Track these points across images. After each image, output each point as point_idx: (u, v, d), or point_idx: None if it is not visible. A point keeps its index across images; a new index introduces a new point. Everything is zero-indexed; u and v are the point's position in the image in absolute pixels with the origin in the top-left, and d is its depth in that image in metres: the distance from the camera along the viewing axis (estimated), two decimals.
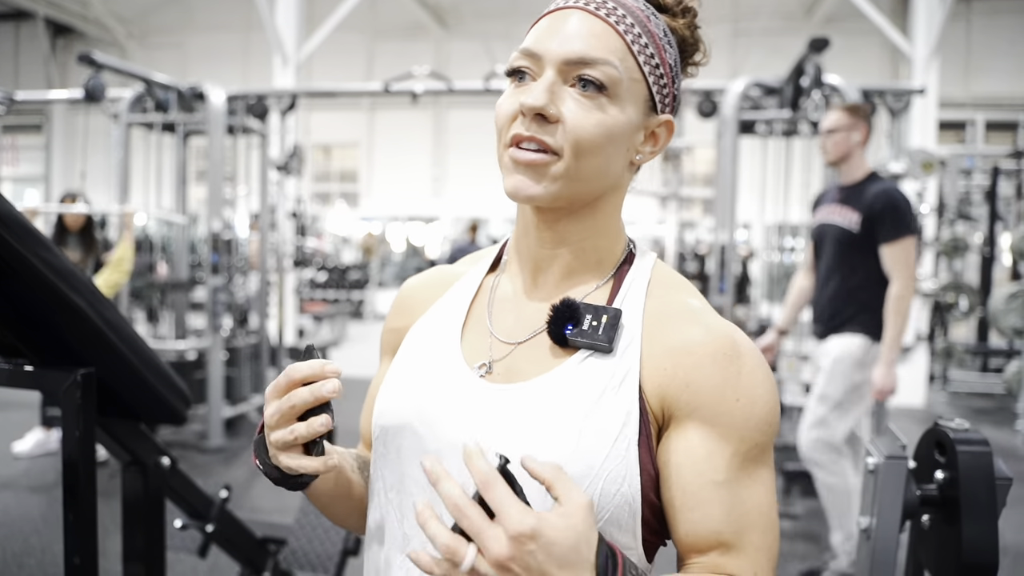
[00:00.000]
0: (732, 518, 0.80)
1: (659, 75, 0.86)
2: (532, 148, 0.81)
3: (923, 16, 7.44)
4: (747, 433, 0.81)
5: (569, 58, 0.81)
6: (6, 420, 5.84)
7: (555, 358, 0.85)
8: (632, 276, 0.90)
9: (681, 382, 0.81)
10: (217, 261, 5.38)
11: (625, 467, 0.78)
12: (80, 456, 1.37)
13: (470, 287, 0.97)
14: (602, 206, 0.90)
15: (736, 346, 0.83)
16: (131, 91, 5.59)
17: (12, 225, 1.28)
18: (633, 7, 0.85)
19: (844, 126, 3.24)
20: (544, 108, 0.79)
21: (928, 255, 7.76)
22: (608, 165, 0.85)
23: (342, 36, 9.42)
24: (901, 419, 6.76)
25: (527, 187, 0.82)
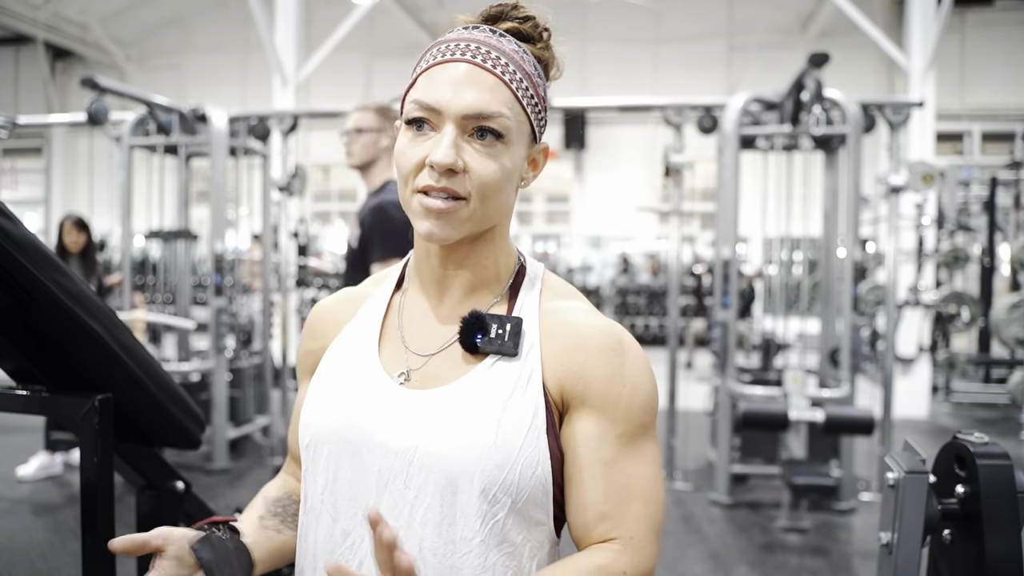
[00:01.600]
0: (615, 491, 0.93)
1: (538, 111, 0.98)
2: (443, 197, 0.90)
3: (918, 29, 7.48)
4: (632, 415, 0.94)
5: (468, 113, 0.90)
6: (10, 444, 5.82)
7: (467, 364, 0.96)
8: (526, 287, 1.02)
9: (576, 375, 0.94)
10: (220, 282, 5.38)
11: (538, 453, 0.91)
12: (98, 481, 1.36)
13: (379, 306, 1.06)
14: (497, 230, 1.00)
15: (620, 342, 0.97)
16: (132, 114, 5.61)
17: (29, 251, 1.29)
18: (510, 51, 0.94)
19: (374, 127, 2.99)
20: (454, 165, 0.89)
21: (928, 266, 7.77)
22: (506, 201, 0.96)
23: (341, 56, 9.46)
24: (906, 431, 6.75)
25: (440, 231, 0.92)
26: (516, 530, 0.91)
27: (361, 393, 0.97)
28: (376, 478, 0.93)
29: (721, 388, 4.83)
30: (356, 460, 0.94)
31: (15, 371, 1.49)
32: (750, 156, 5.23)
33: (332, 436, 0.97)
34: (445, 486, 0.89)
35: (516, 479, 0.89)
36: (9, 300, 1.32)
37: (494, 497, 0.89)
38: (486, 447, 0.89)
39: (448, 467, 0.89)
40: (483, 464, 0.88)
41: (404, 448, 0.91)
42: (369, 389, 0.97)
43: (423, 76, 0.93)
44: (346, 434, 0.96)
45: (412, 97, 0.92)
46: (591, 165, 14.57)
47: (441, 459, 0.89)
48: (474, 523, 0.89)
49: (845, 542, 4.24)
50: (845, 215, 4.72)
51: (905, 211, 7.19)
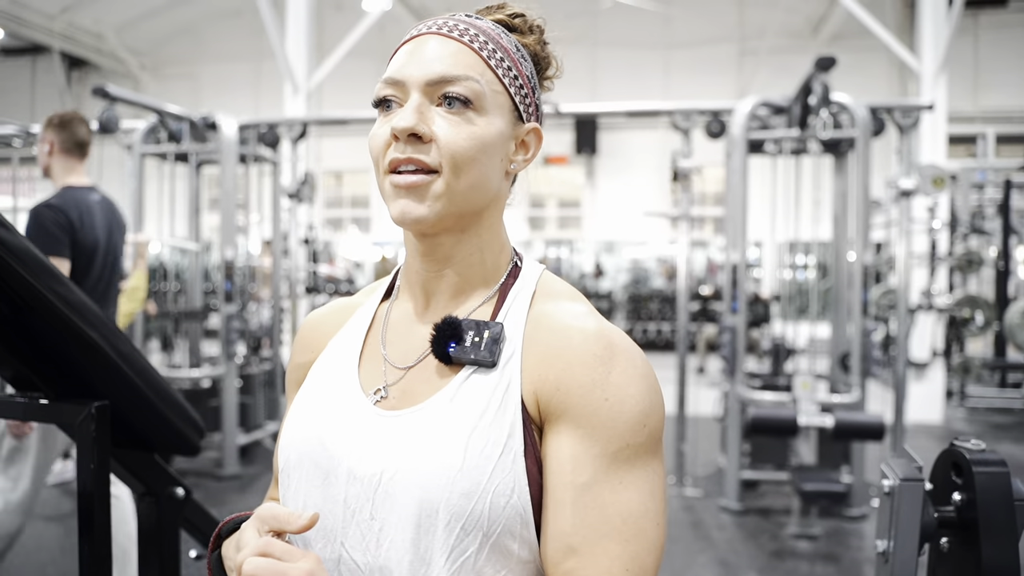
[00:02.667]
0: (585, 523, 0.78)
1: (519, 85, 0.90)
2: (411, 170, 0.83)
3: (930, 31, 7.45)
4: (615, 433, 0.79)
5: (431, 79, 0.83)
6: None
7: (442, 378, 0.86)
8: (516, 289, 0.91)
9: (552, 385, 0.82)
10: (230, 289, 5.41)
11: (513, 479, 0.79)
12: (95, 488, 1.37)
13: (365, 317, 0.99)
14: (484, 220, 0.91)
15: (609, 346, 0.83)
16: (144, 122, 5.65)
17: (27, 260, 1.30)
18: (483, 27, 0.89)
19: (43, 139, 3.14)
20: (415, 127, 0.82)
21: (942, 270, 7.72)
22: (486, 176, 0.86)
23: (352, 63, 9.50)
24: (919, 436, 6.71)
25: (412, 209, 0.83)
26: (492, 568, 0.80)
27: (335, 414, 0.90)
28: (343, 507, 0.84)
29: (730, 393, 4.81)
30: (325, 487, 0.87)
31: (14, 378, 1.50)
32: (759, 160, 5.22)
33: (304, 461, 0.89)
34: (409, 517, 0.79)
35: (487, 509, 0.78)
36: (6, 308, 1.33)
37: (463, 529, 0.78)
38: (452, 473, 0.78)
39: (413, 496, 0.79)
40: (448, 492, 0.77)
41: (370, 475, 0.83)
42: (343, 410, 0.90)
43: (393, 59, 0.89)
44: (316, 459, 0.88)
45: (381, 79, 0.88)
46: (603, 170, 14.57)
47: (407, 487, 0.80)
48: (439, 558, 0.78)
49: (856, 549, 4.21)
50: (855, 219, 4.69)
51: (917, 214, 7.16)
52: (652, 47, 13.96)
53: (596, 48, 13.85)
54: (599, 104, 10.82)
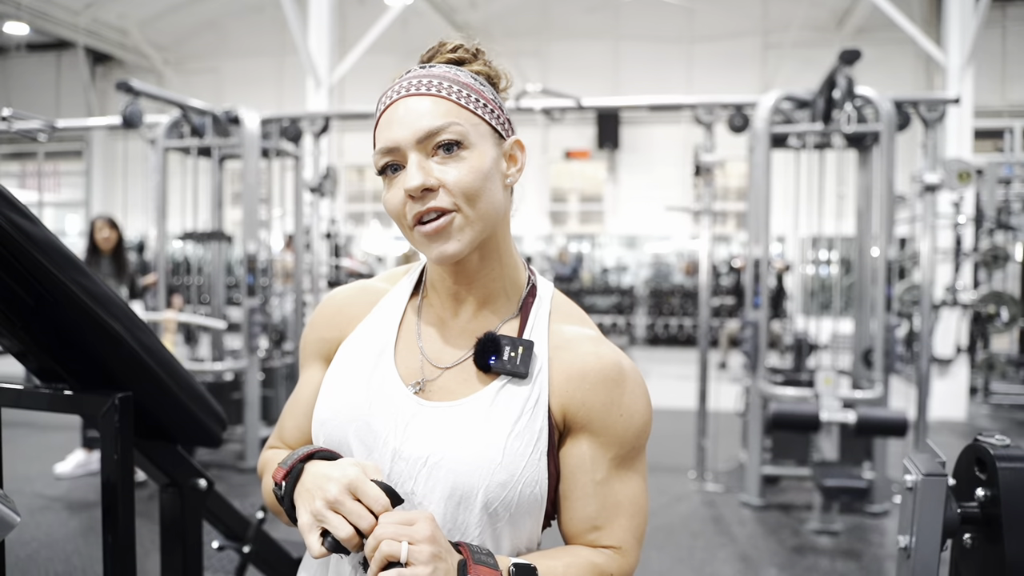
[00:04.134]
0: (606, 507, 1.02)
1: (490, 110, 1.02)
2: (432, 218, 0.96)
3: (956, 24, 7.35)
4: (626, 441, 1.02)
5: (420, 136, 0.96)
6: (48, 442, 5.94)
7: (479, 383, 1.02)
8: (536, 308, 1.08)
9: (578, 402, 1.01)
10: (253, 282, 5.44)
11: (538, 474, 0.98)
12: (119, 478, 1.38)
13: (396, 308, 1.12)
14: (499, 236, 1.05)
15: (621, 372, 1.03)
16: (168, 117, 5.69)
17: (51, 252, 1.31)
18: (440, 73, 1.01)
19: None
20: (425, 182, 0.94)
21: (967, 266, 7.63)
22: (494, 198, 0.99)
23: (374, 58, 9.52)
24: (942, 433, 6.65)
25: (447, 248, 0.97)
26: (508, 538, 0.99)
27: (377, 398, 1.03)
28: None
29: (752, 389, 4.78)
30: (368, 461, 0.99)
31: (39, 369, 1.51)
32: (782, 155, 5.18)
33: (346, 437, 1.02)
34: (450, 496, 0.96)
35: (516, 497, 0.96)
36: (31, 300, 1.34)
37: (495, 511, 0.96)
38: (493, 465, 0.95)
39: (456, 480, 0.95)
40: (488, 481, 0.95)
41: (416, 456, 0.97)
42: (385, 394, 1.03)
43: (377, 129, 1.00)
44: (361, 436, 1.01)
45: (375, 151, 0.99)
46: (625, 165, 14.51)
47: (450, 471, 0.96)
48: (473, 531, 0.96)
49: (878, 545, 4.18)
50: (879, 214, 4.65)
51: (943, 209, 7.08)
52: (675, 41, 13.88)
53: (619, 42, 13.79)
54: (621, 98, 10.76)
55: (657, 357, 11.88)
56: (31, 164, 15.35)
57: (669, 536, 4.29)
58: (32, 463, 5.35)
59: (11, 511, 1.21)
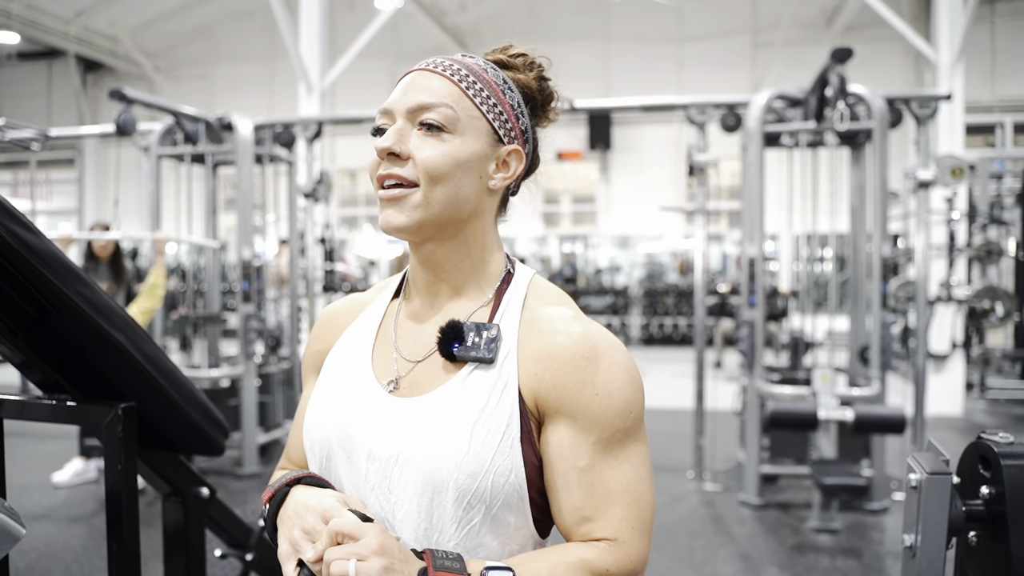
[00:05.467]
0: (594, 497, 0.95)
1: (498, 112, 1.02)
2: (392, 184, 0.97)
3: (946, 21, 7.38)
4: (607, 422, 0.95)
5: (411, 107, 0.97)
6: (45, 451, 5.92)
7: (447, 373, 0.99)
8: (510, 293, 1.04)
9: (548, 384, 0.96)
10: (248, 288, 5.43)
11: (511, 461, 0.93)
12: (122, 488, 1.38)
13: (377, 312, 1.11)
14: (468, 232, 1.03)
15: (594, 348, 0.96)
16: (161, 124, 5.68)
17: (52, 263, 1.31)
18: (469, 63, 1.02)
19: None
20: (392, 147, 0.96)
21: (961, 261, 7.66)
22: (459, 189, 0.98)
23: (365, 62, 9.52)
24: (939, 429, 6.67)
25: (392, 218, 0.97)
26: (492, 535, 0.95)
27: (353, 400, 1.02)
28: (364, 483, 0.98)
29: (749, 388, 4.79)
30: (349, 466, 1.00)
31: (42, 381, 1.51)
32: (775, 153, 5.19)
33: (328, 443, 1.02)
34: (422, 493, 0.93)
35: (489, 487, 0.93)
36: (33, 311, 1.34)
37: (468, 504, 0.93)
38: (460, 456, 0.92)
39: (425, 475, 0.93)
40: (457, 473, 0.92)
41: (388, 455, 0.96)
42: (360, 396, 1.02)
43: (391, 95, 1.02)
44: (339, 441, 1.01)
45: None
46: (617, 165, 14.53)
47: (419, 467, 0.93)
48: (450, 528, 0.93)
49: (877, 542, 4.19)
50: (873, 211, 4.66)
51: (936, 205, 7.10)
52: (665, 41, 13.91)
53: (609, 43, 13.82)
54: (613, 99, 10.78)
55: (652, 357, 11.89)
56: (23, 173, 15.30)
57: (668, 536, 4.29)
58: (30, 472, 5.33)
59: (16, 523, 1.20)
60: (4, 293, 1.31)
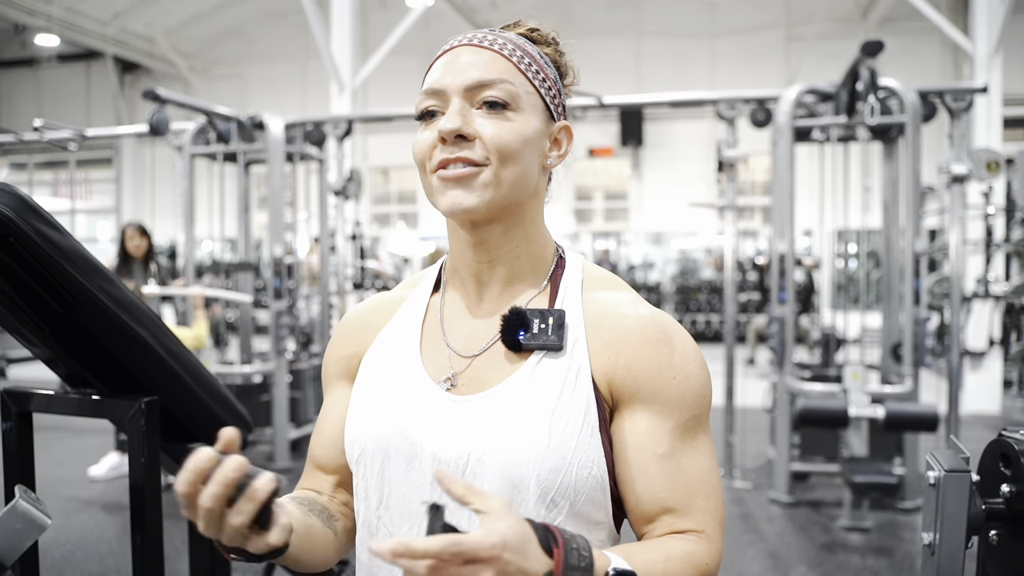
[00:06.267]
0: (676, 485, 0.90)
1: (547, 87, 0.97)
2: (459, 166, 0.90)
3: (983, 12, 7.25)
4: (684, 406, 0.91)
5: (469, 84, 0.91)
6: (82, 445, 6.03)
7: (512, 364, 0.93)
8: (567, 279, 0.99)
9: (623, 368, 0.91)
10: (279, 286, 5.49)
11: (592, 452, 0.88)
12: (146, 481, 1.41)
13: (418, 308, 1.04)
14: (527, 213, 0.98)
15: (666, 331, 0.93)
16: (194, 123, 5.76)
17: (77, 260, 1.34)
18: (511, 37, 0.97)
19: None
20: (461, 128, 0.89)
21: (998, 257, 7.52)
22: (528, 168, 0.93)
23: (396, 60, 9.56)
24: (975, 427, 6.56)
25: (463, 199, 0.90)
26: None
27: (408, 402, 0.95)
28: (430, 490, 0.90)
29: (779, 385, 4.75)
30: (408, 473, 0.92)
31: (68, 375, 1.54)
32: (806, 148, 5.14)
33: (382, 449, 0.94)
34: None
35: (573, 481, 0.87)
36: (59, 307, 1.37)
37: (551, 501, 0.86)
38: (541, 450, 0.86)
39: (503, 474, 0.87)
40: (538, 469, 0.86)
41: (456, 457, 0.89)
42: (416, 397, 0.95)
43: (429, 72, 0.96)
44: (397, 446, 0.93)
45: (419, 93, 0.94)
46: (649, 161, 14.47)
47: (495, 466, 0.87)
48: None
49: (909, 542, 4.14)
50: (906, 206, 4.60)
51: (972, 200, 6.98)
52: (697, 36, 13.81)
53: (640, 38, 13.75)
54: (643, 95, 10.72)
55: None
56: (63, 172, 15.59)
57: None
58: (67, 466, 5.44)
59: (43, 513, 1.23)
60: (31, 290, 1.34)
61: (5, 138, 6.72)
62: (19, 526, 1.21)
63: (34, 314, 1.38)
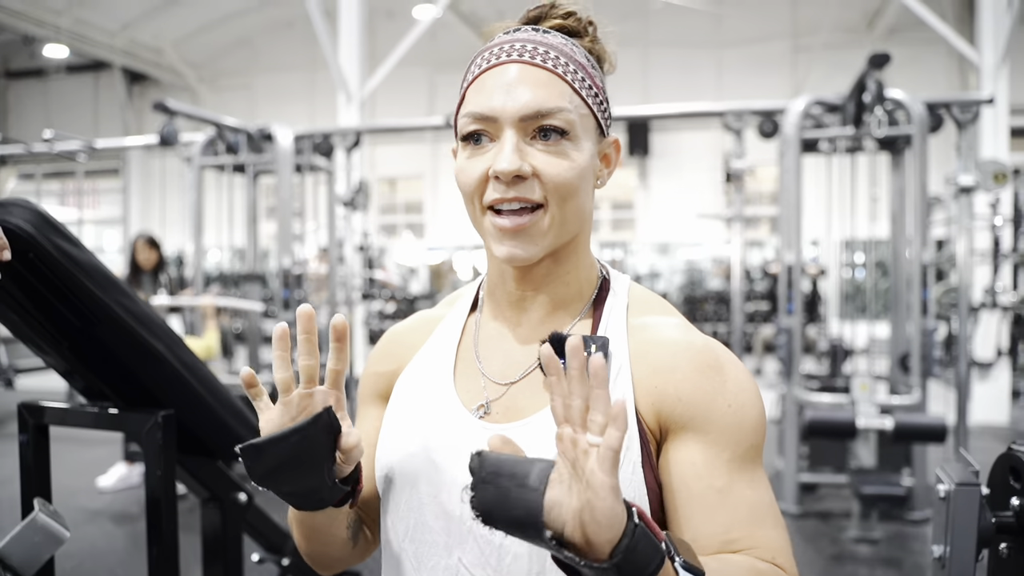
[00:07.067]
0: (739, 520, 0.82)
1: (599, 102, 0.91)
2: (515, 209, 0.84)
3: (990, 22, 7.26)
4: (741, 437, 0.84)
5: (526, 114, 0.83)
6: (90, 455, 6.04)
7: None
8: (611, 303, 0.94)
9: (673, 397, 0.85)
10: (288, 296, 5.51)
11: (633, 490, 0.82)
12: (162, 493, 1.43)
13: (454, 330, 0.99)
14: (580, 240, 0.93)
15: (717, 357, 0.87)
16: (203, 135, 5.80)
17: (95, 275, 1.36)
18: (558, 44, 0.88)
19: None
20: (521, 170, 0.82)
21: (1006, 267, 7.51)
22: (584, 200, 0.88)
23: (404, 71, 9.60)
24: (984, 438, 6.54)
25: (520, 253, 0.85)
26: None
27: (439, 429, 0.91)
28: (459, 523, 0.86)
29: (787, 395, 4.75)
30: (438, 504, 0.88)
31: (85, 389, 1.56)
32: (813, 159, 5.15)
33: (411, 478, 0.91)
34: None
35: None
36: (77, 321, 1.39)
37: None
38: None
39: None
40: None
41: None
42: (448, 425, 0.90)
43: (472, 88, 0.88)
44: (427, 475, 0.89)
45: (464, 111, 0.87)
46: (656, 171, 14.48)
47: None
48: None
49: (918, 553, 4.13)
50: (913, 217, 4.60)
51: (979, 210, 6.98)
52: (704, 47, 13.84)
53: (648, 49, 13.77)
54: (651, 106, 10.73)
55: None
56: (71, 182, 15.66)
57: None
58: (75, 477, 5.45)
59: (61, 526, 1.25)
60: (50, 304, 1.36)
61: (15, 149, 6.77)
62: (38, 539, 1.22)
63: (52, 327, 1.40)
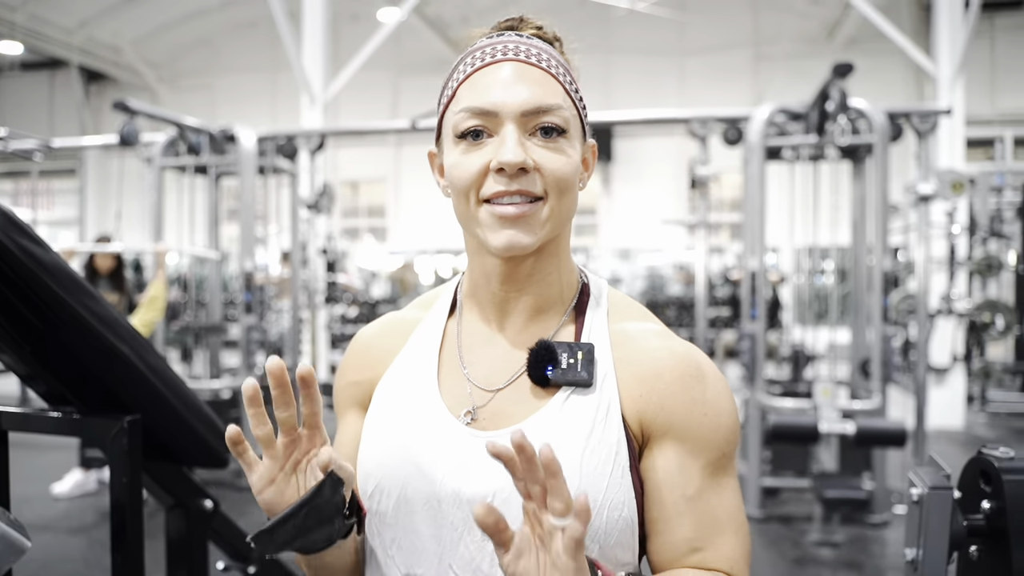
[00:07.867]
0: (704, 525, 0.86)
1: (582, 105, 0.92)
2: (516, 201, 0.85)
3: (946, 35, 7.40)
4: (715, 444, 0.88)
5: (527, 109, 0.85)
6: (45, 461, 5.91)
7: (539, 399, 0.89)
8: (592, 308, 0.95)
9: (656, 405, 0.88)
10: (250, 300, 5.44)
11: (623, 494, 0.85)
12: (128, 500, 1.39)
13: (434, 334, 0.98)
14: (561, 241, 0.94)
15: (699, 366, 0.90)
16: (163, 135, 5.71)
17: (59, 276, 1.32)
18: (545, 48, 0.90)
19: None
20: (525, 162, 0.83)
21: (961, 274, 7.66)
22: (575, 200, 0.90)
23: (368, 74, 9.54)
24: (940, 442, 6.66)
25: (521, 239, 0.85)
26: None
27: (426, 437, 0.90)
28: (450, 530, 0.86)
29: (750, 400, 4.79)
30: (427, 511, 0.88)
31: (47, 393, 1.52)
32: (777, 166, 5.21)
33: (398, 486, 0.89)
34: None
35: (603, 524, 0.83)
36: (40, 324, 1.35)
37: None
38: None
39: None
40: None
41: (480, 495, 0.84)
42: (434, 432, 0.90)
43: (465, 85, 0.88)
44: (414, 483, 0.88)
45: (459, 107, 0.87)
46: (618, 177, 14.56)
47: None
48: None
49: (879, 556, 4.19)
50: (874, 224, 4.68)
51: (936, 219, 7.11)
52: (667, 54, 13.96)
53: (610, 55, 13.85)
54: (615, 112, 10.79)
55: None
56: (25, 182, 15.34)
57: None
58: (29, 483, 5.33)
59: (22, 536, 1.21)
60: (12, 306, 1.32)
61: None
62: None
63: (14, 330, 1.36)
